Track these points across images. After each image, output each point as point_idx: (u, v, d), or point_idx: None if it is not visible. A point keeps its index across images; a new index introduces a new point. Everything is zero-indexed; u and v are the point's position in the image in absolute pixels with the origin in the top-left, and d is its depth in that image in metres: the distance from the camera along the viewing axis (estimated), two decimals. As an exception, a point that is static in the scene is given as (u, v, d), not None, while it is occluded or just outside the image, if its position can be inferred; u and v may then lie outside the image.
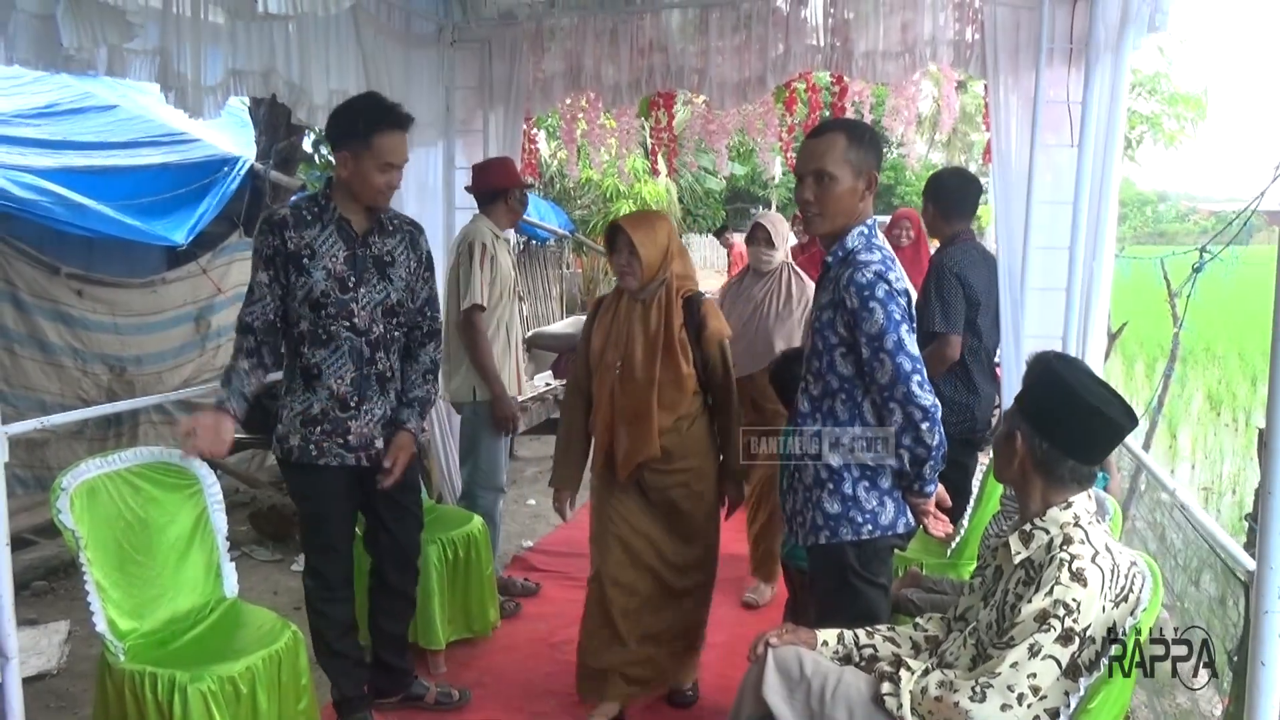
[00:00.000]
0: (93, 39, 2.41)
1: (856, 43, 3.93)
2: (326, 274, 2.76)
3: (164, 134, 6.28)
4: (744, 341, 4.09)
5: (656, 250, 2.94)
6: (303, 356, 2.83)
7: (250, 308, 2.78)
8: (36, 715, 3.26)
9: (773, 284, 4.23)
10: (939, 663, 2.05)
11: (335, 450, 2.87)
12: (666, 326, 2.94)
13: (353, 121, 2.74)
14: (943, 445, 2.26)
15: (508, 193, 3.94)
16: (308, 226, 2.77)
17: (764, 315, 4.17)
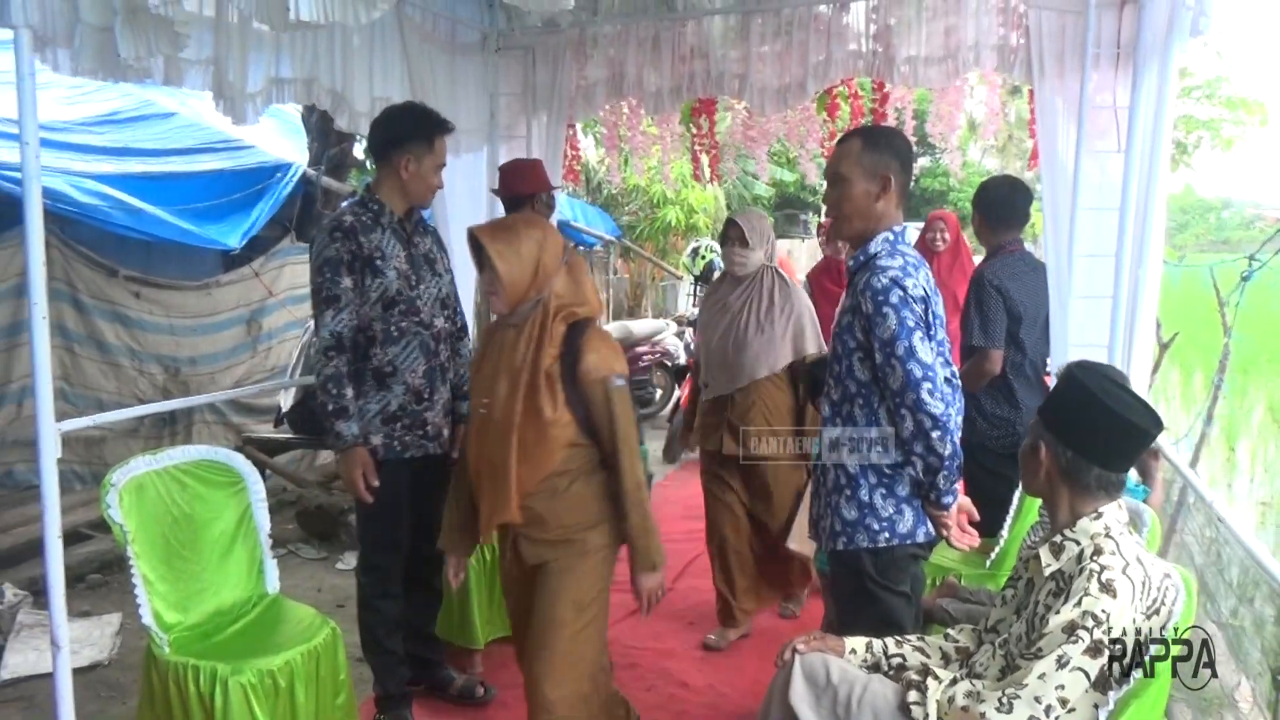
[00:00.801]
0: (148, 49, 2.50)
1: (899, 48, 3.90)
2: (397, 273, 2.91)
3: (219, 141, 6.45)
4: (717, 357, 3.76)
5: (521, 265, 2.36)
6: (374, 358, 2.92)
7: (339, 316, 2.84)
8: (88, 704, 3.37)
9: (751, 291, 3.74)
10: (968, 674, 2.04)
11: (418, 442, 3.02)
12: (533, 361, 2.37)
13: (416, 125, 2.93)
14: (957, 456, 2.23)
15: (534, 198, 3.94)
16: (371, 230, 2.90)
17: (741, 327, 3.69)
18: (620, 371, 2.41)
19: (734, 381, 3.69)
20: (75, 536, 4.82)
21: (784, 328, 3.67)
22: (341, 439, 2.84)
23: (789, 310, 3.69)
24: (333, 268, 2.85)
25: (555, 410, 2.36)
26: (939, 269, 5.10)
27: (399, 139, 2.93)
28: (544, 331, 2.38)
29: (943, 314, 2.39)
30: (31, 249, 2.42)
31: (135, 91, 6.63)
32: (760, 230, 3.73)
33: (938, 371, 2.21)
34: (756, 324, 3.67)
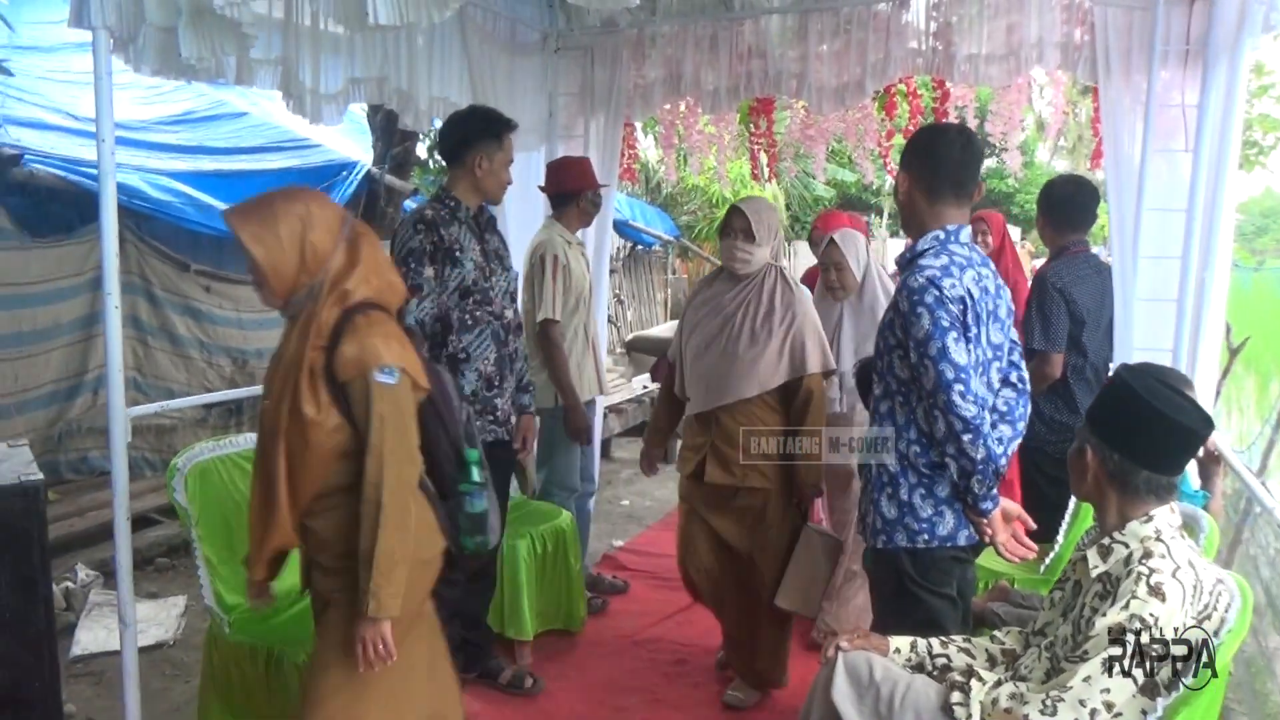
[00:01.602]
0: (210, 50, 2.59)
1: (959, 46, 3.85)
2: (473, 265, 3.06)
3: (288, 139, 6.63)
4: (703, 365, 3.22)
5: (283, 249, 2.03)
6: (450, 344, 3.04)
7: (421, 304, 2.96)
8: (152, 681, 3.49)
9: (749, 293, 3.19)
10: (1013, 676, 2.02)
11: (488, 427, 3.13)
12: (298, 356, 2.03)
13: (485, 124, 3.09)
14: (993, 460, 2.20)
15: (580, 195, 3.96)
16: (449, 224, 3.04)
17: (732, 335, 3.15)
18: (389, 363, 1.99)
19: (718, 397, 3.16)
20: (145, 521, 4.99)
21: (782, 340, 3.12)
22: None
23: (790, 319, 3.13)
24: (416, 258, 2.96)
25: (319, 411, 2.00)
26: None
27: (470, 139, 3.07)
28: (313, 321, 2.04)
29: (1005, 316, 2.36)
30: (106, 241, 2.52)
31: (209, 92, 6.84)
32: (768, 223, 3.21)
33: (971, 374, 2.17)
34: (750, 333, 3.13)
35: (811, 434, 3.13)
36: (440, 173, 8.53)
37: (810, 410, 3.14)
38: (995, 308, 2.31)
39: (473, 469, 2.23)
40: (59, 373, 5.29)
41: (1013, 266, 4.96)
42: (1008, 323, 2.37)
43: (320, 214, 2.10)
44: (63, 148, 5.19)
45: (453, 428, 2.22)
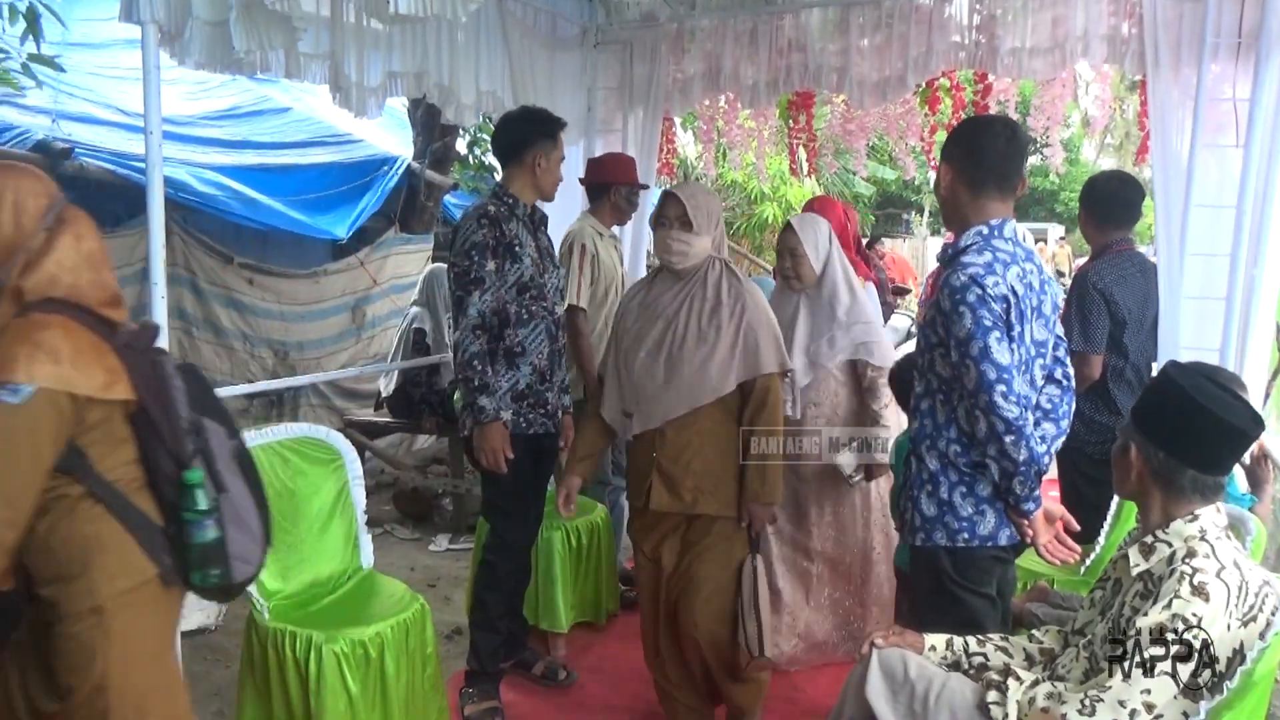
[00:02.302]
0: (259, 43, 2.63)
1: (1003, 39, 3.80)
2: (530, 261, 3.11)
3: (330, 134, 6.71)
4: (647, 377, 2.78)
5: None
6: (506, 338, 3.09)
7: (483, 297, 3.01)
8: (194, 665, 3.56)
9: (693, 289, 2.79)
10: (1051, 676, 1.99)
11: (540, 419, 3.19)
12: None
13: (541, 124, 3.15)
14: (1035, 462, 2.16)
15: (612, 189, 3.96)
16: (509, 220, 3.09)
17: (677, 337, 2.74)
18: (16, 380, 1.66)
19: (666, 410, 2.73)
20: (189, 509, 5.08)
21: (734, 336, 2.71)
22: (485, 413, 2.98)
23: (740, 312, 2.73)
24: (480, 251, 3.00)
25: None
26: None
27: (528, 138, 3.13)
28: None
29: (1050, 312, 2.33)
30: (153, 231, 2.57)
31: (253, 88, 6.95)
32: (708, 210, 2.80)
33: (1014, 374, 2.14)
34: (698, 332, 2.73)
35: (767, 439, 2.75)
36: (479, 168, 8.59)
37: (765, 414, 2.73)
38: (1040, 304, 2.27)
39: (196, 493, 1.88)
40: (107, 363, 5.39)
41: None
42: (1053, 319, 2.34)
43: (17, 195, 1.82)
44: (112, 142, 5.30)
45: (173, 444, 1.88)
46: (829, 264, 3.42)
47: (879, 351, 3.40)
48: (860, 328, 3.38)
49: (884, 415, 3.40)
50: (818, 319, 3.41)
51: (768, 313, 2.81)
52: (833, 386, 3.43)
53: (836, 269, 3.43)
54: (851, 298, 3.40)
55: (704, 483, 2.73)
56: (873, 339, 3.39)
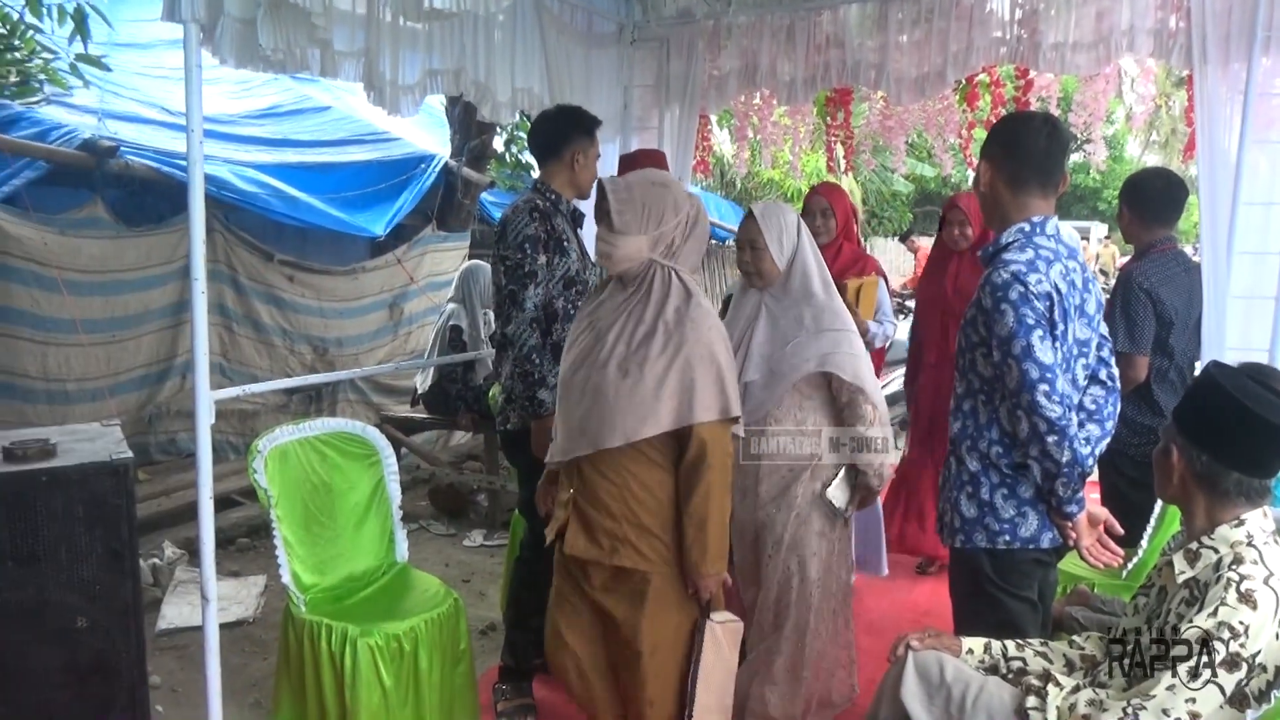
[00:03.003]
0: (285, 41, 2.66)
1: (1045, 34, 3.73)
2: (575, 255, 3.12)
3: (369, 133, 6.77)
4: (568, 398, 2.38)
5: None
6: (554, 333, 3.08)
7: (536, 290, 3.00)
8: (233, 657, 3.60)
9: (633, 305, 2.33)
10: (1092, 683, 1.95)
11: None
12: None
13: (578, 121, 3.17)
14: (1079, 463, 2.12)
15: None
16: (554, 216, 3.11)
17: (602, 358, 2.29)
18: None
19: (577, 443, 2.33)
20: (228, 502, 5.16)
21: (661, 373, 2.22)
22: (544, 406, 2.96)
23: (677, 345, 2.24)
24: (532, 245, 3.00)
25: None
26: (959, 272, 4.15)
27: (567, 135, 3.15)
28: None
29: (1094, 311, 2.29)
30: (194, 228, 2.60)
31: (294, 87, 7.03)
32: (642, 202, 2.30)
33: (1057, 374, 2.10)
34: (622, 359, 2.26)
35: (701, 506, 2.24)
36: (516, 166, 8.62)
37: (701, 474, 2.24)
38: (1083, 302, 2.23)
39: None
40: (150, 357, 5.49)
41: None
42: (1096, 318, 2.29)
43: None
44: (157, 141, 5.38)
45: None
46: (796, 259, 2.94)
47: (850, 365, 2.84)
48: (829, 336, 2.86)
49: (874, 437, 2.97)
50: (781, 323, 2.92)
51: (715, 346, 2.28)
52: (797, 400, 2.90)
53: (807, 265, 2.94)
54: (825, 299, 2.92)
55: (624, 531, 2.30)
56: (842, 350, 2.85)
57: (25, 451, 2.36)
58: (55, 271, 4.79)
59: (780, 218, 2.95)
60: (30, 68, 5.51)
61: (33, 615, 2.30)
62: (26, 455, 2.36)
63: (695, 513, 2.26)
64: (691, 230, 2.37)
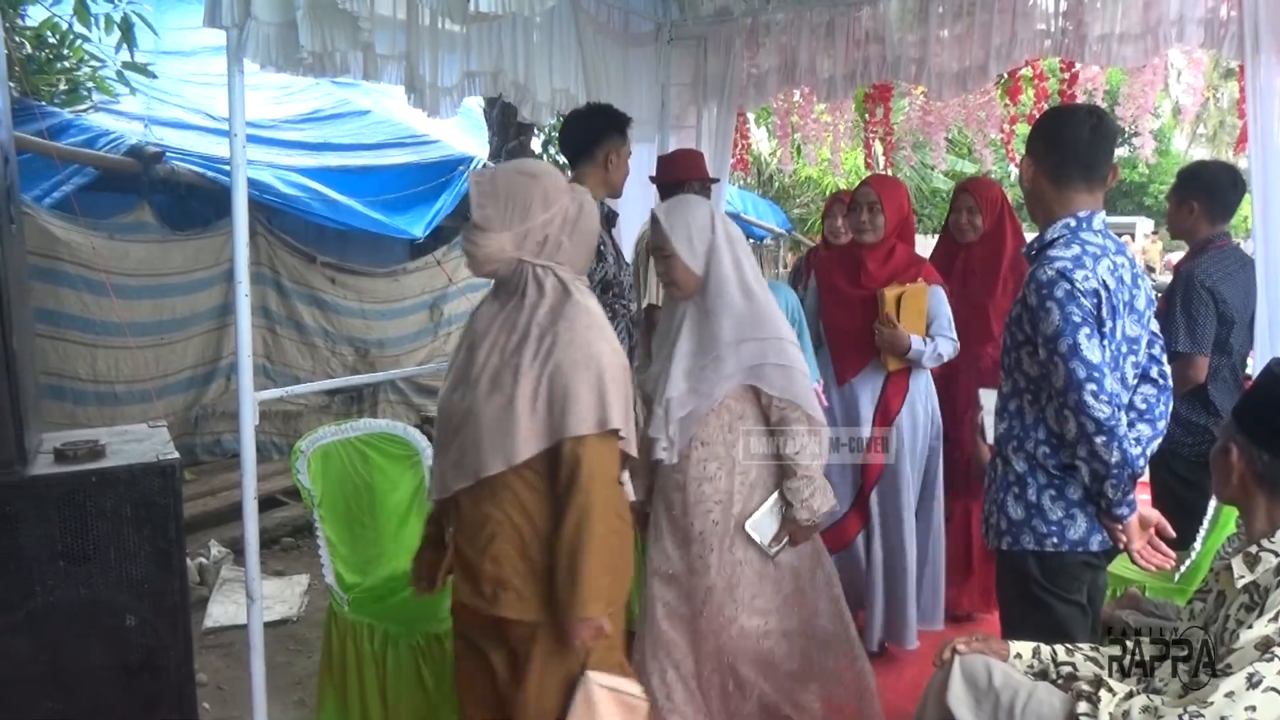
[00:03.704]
0: (324, 43, 2.67)
1: (1091, 25, 3.66)
2: (612, 259, 3.12)
3: (408, 136, 6.82)
4: (439, 420, 2.14)
5: None
6: None
7: None
8: (277, 655, 3.65)
9: (510, 311, 2.06)
10: (1146, 689, 1.90)
11: None
12: None
13: (610, 120, 3.17)
14: (1129, 464, 2.07)
15: (685, 185, 3.92)
16: None
17: (473, 377, 2.03)
18: None
19: (456, 474, 2.01)
20: (272, 502, 5.23)
21: (534, 384, 1.94)
22: None
23: (548, 350, 1.96)
24: None
25: None
26: (966, 267, 3.73)
27: (600, 134, 3.15)
28: None
29: (1144, 307, 2.23)
30: (237, 231, 2.63)
31: (335, 91, 7.11)
32: (507, 194, 2.03)
33: (1105, 373, 2.06)
34: (495, 372, 1.99)
35: (572, 535, 1.92)
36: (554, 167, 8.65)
37: (572, 496, 1.93)
38: (1133, 298, 2.18)
39: None
40: (196, 359, 5.58)
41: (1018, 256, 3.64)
42: (1147, 314, 2.24)
43: None
44: (201, 146, 5.47)
45: None
46: (713, 262, 2.57)
47: (778, 378, 2.53)
48: (752, 346, 2.53)
49: (802, 463, 2.57)
50: (702, 335, 2.58)
51: (594, 348, 1.97)
52: (726, 421, 2.58)
53: (724, 268, 2.57)
54: (746, 306, 2.56)
55: (507, 575, 1.99)
56: (769, 360, 2.53)
57: (75, 452, 2.40)
58: (104, 275, 4.88)
59: (688, 216, 2.60)
60: (79, 76, 5.63)
61: (83, 613, 2.33)
62: (77, 456, 2.39)
63: (565, 543, 1.92)
64: (574, 226, 2.06)
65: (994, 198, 3.71)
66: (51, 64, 5.52)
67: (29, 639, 2.25)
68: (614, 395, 1.96)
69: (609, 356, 1.99)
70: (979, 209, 3.69)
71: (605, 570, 1.95)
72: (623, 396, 2.00)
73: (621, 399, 1.99)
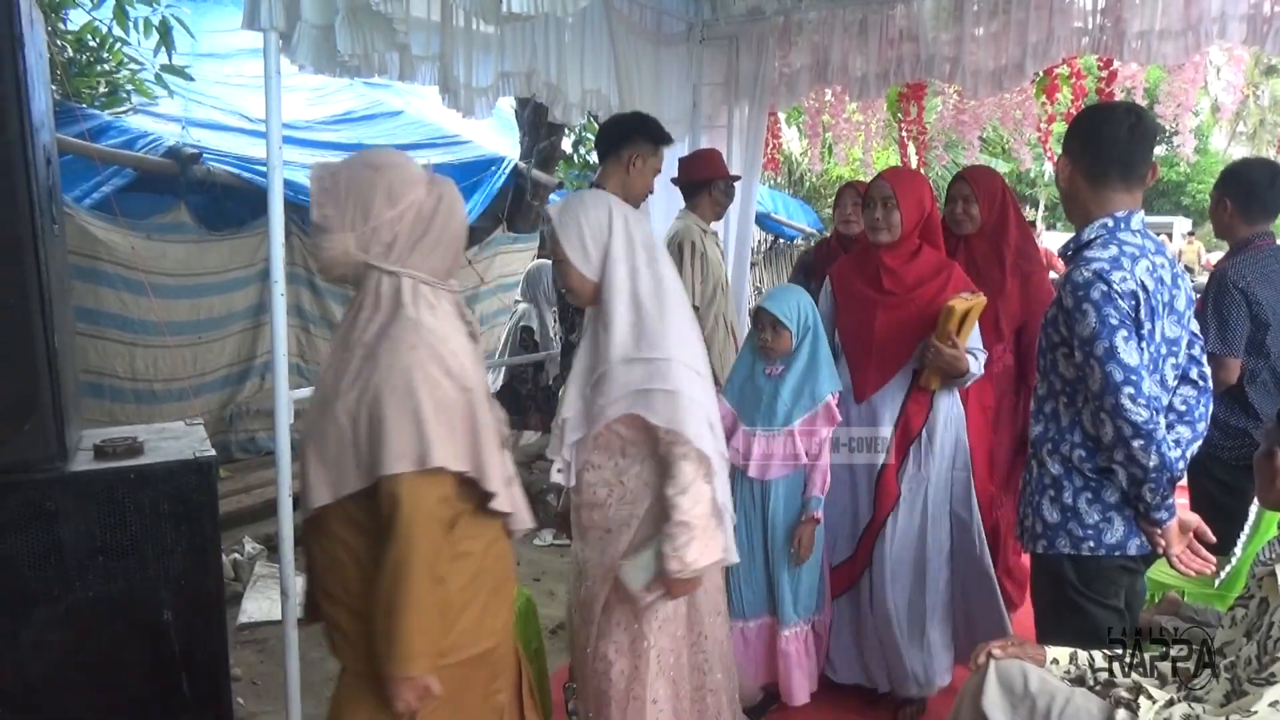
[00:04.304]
0: (364, 46, 2.70)
1: (1130, 22, 3.61)
2: None
3: (440, 136, 6.86)
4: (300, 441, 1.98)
5: None
6: None
7: None
8: (311, 651, 3.65)
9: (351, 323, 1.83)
10: (1187, 696, 1.87)
11: None
12: None
13: (645, 126, 3.17)
14: (1167, 468, 2.04)
15: (711, 184, 3.89)
16: None
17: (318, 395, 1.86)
18: None
19: (302, 502, 1.84)
20: (306, 499, 5.27)
21: (351, 416, 1.73)
22: None
23: (368, 374, 1.73)
24: None
25: None
26: (968, 260, 3.34)
27: (629, 135, 3.17)
28: None
29: (1184, 308, 2.20)
30: (273, 231, 2.66)
31: (367, 92, 7.16)
32: (347, 191, 1.82)
33: (1143, 375, 2.02)
34: (322, 397, 1.81)
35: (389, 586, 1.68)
36: (584, 167, 8.67)
37: (394, 542, 1.69)
38: (1172, 299, 2.14)
39: None
40: (231, 358, 5.64)
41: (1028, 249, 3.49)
42: (1186, 314, 2.20)
43: None
44: (236, 147, 5.53)
45: None
46: (609, 268, 2.22)
47: (664, 406, 2.15)
48: (640, 368, 2.17)
49: (683, 505, 2.15)
50: (597, 350, 2.27)
51: (413, 375, 1.71)
52: (619, 445, 2.27)
53: (617, 276, 2.21)
54: (635, 321, 2.19)
55: (338, 617, 1.82)
56: (654, 385, 2.16)
57: (114, 449, 2.43)
58: (142, 275, 4.95)
59: (580, 216, 2.24)
60: (118, 79, 5.72)
61: (121, 607, 2.37)
62: (115, 453, 2.43)
63: (382, 596, 1.70)
64: (429, 224, 1.82)
65: (993, 188, 3.42)
66: (92, 67, 5.62)
67: (68, 632, 2.28)
68: (438, 427, 1.70)
69: (432, 382, 1.72)
70: (975, 198, 3.38)
71: (427, 627, 1.72)
72: (455, 428, 1.74)
73: (451, 430, 1.73)
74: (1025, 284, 3.38)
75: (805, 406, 2.97)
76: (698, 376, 2.22)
